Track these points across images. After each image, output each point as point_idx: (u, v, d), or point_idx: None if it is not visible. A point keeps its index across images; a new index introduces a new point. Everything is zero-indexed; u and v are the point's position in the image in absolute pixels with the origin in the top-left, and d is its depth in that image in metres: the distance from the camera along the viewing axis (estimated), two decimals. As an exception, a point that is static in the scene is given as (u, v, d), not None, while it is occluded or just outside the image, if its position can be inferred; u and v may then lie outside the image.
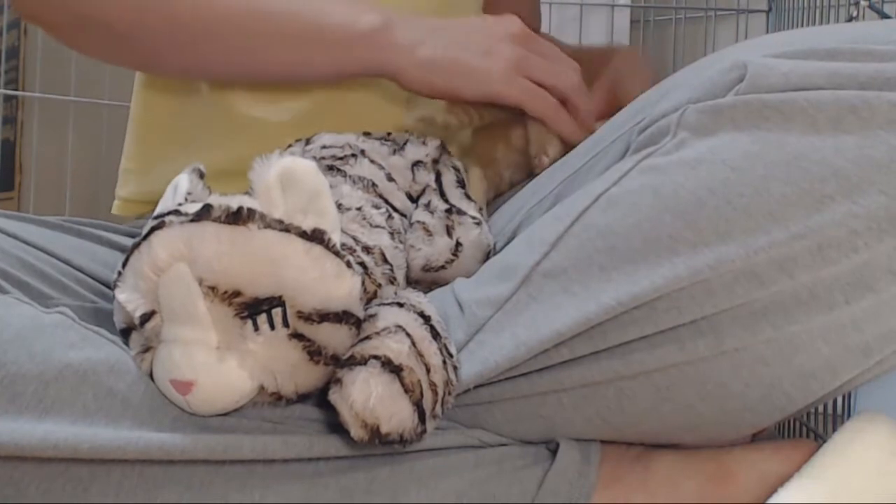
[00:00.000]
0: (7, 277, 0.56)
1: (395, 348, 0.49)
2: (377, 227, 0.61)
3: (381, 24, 0.68)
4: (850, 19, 0.85)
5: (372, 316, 0.52)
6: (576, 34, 1.34)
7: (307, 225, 0.50)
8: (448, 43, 0.69)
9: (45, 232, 0.65)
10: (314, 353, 0.49)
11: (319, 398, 0.51)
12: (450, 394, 0.51)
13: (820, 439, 0.56)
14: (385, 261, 0.59)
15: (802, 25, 1.12)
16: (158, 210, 0.53)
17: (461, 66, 0.68)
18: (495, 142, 0.75)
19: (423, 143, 0.72)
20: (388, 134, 0.72)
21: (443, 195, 0.67)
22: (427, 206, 0.66)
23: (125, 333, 0.52)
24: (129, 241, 0.66)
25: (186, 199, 0.55)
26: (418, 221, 0.65)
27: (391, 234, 0.62)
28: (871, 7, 0.83)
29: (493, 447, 0.53)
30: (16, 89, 1.62)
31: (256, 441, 0.49)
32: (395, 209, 0.65)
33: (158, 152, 0.82)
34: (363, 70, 0.70)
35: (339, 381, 0.49)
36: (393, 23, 0.69)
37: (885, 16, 0.84)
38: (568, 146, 0.70)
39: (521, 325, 0.52)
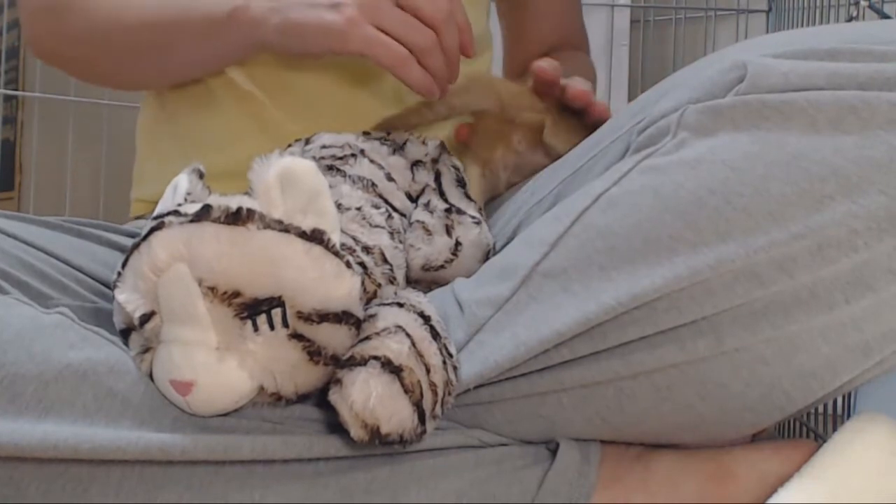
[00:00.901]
0: (7, 278, 0.56)
1: (395, 349, 0.49)
2: (377, 226, 0.61)
3: (241, 2, 0.70)
4: (850, 19, 0.85)
5: (372, 316, 0.52)
6: (576, 34, 1.34)
7: (307, 225, 0.49)
8: (298, 4, 0.68)
9: (44, 232, 0.65)
10: (314, 353, 0.49)
11: (319, 398, 0.51)
12: (450, 394, 0.51)
13: (820, 439, 0.56)
14: (385, 261, 0.59)
15: (802, 25, 1.13)
16: (158, 210, 0.53)
17: (308, 24, 0.67)
18: (495, 143, 0.75)
19: (423, 142, 0.72)
20: (388, 133, 0.72)
21: (442, 195, 0.67)
22: (427, 205, 0.66)
23: (125, 334, 0.52)
24: (128, 242, 0.66)
25: (186, 200, 0.55)
26: (418, 221, 0.65)
27: (391, 233, 0.62)
28: (871, 7, 0.83)
29: (493, 447, 0.53)
30: (16, 89, 1.62)
31: (256, 441, 0.49)
32: (394, 209, 0.65)
33: (165, 155, 0.82)
34: (243, 50, 0.73)
35: (338, 381, 0.48)
36: None
37: (885, 16, 0.84)
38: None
39: (521, 325, 0.52)
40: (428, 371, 0.50)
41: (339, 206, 0.60)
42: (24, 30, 0.84)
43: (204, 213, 0.48)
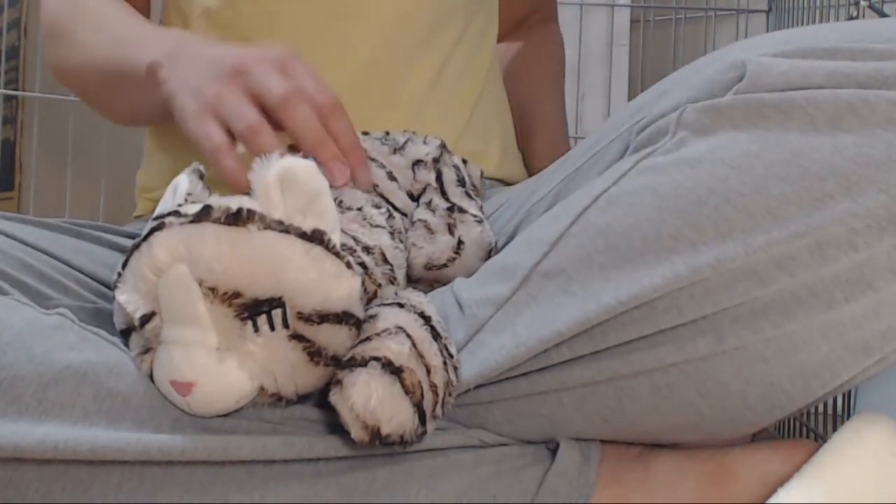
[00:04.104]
0: (7, 279, 0.56)
1: (396, 350, 0.49)
2: (377, 226, 0.61)
3: (156, 61, 0.67)
4: (850, 19, 0.85)
5: (372, 317, 0.52)
6: (576, 34, 1.34)
7: (307, 226, 0.49)
8: (184, 76, 0.65)
9: (44, 233, 0.65)
10: (314, 353, 0.49)
11: (320, 399, 0.51)
12: (450, 394, 0.51)
13: (820, 439, 0.56)
14: (385, 261, 0.59)
15: (802, 26, 1.12)
16: (158, 211, 0.53)
17: (177, 102, 0.64)
18: None
19: (424, 141, 0.72)
20: (387, 133, 0.72)
21: (444, 194, 0.67)
22: (428, 204, 0.66)
23: (125, 334, 0.52)
24: (128, 243, 0.66)
25: (186, 200, 0.55)
26: (420, 220, 0.65)
27: (392, 233, 0.62)
28: (871, 7, 0.83)
29: (493, 447, 0.53)
30: (16, 89, 1.62)
31: (256, 442, 0.49)
32: (395, 208, 0.65)
33: (161, 157, 0.83)
34: (159, 108, 0.68)
35: (339, 382, 0.49)
36: (170, 55, 0.67)
37: (884, 16, 0.84)
38: None
39: (521, 324, 0.52)
40: (428, 372, 0.50)
41: (339, 205, 0.60)
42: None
43: (204, 214, 0.48)
